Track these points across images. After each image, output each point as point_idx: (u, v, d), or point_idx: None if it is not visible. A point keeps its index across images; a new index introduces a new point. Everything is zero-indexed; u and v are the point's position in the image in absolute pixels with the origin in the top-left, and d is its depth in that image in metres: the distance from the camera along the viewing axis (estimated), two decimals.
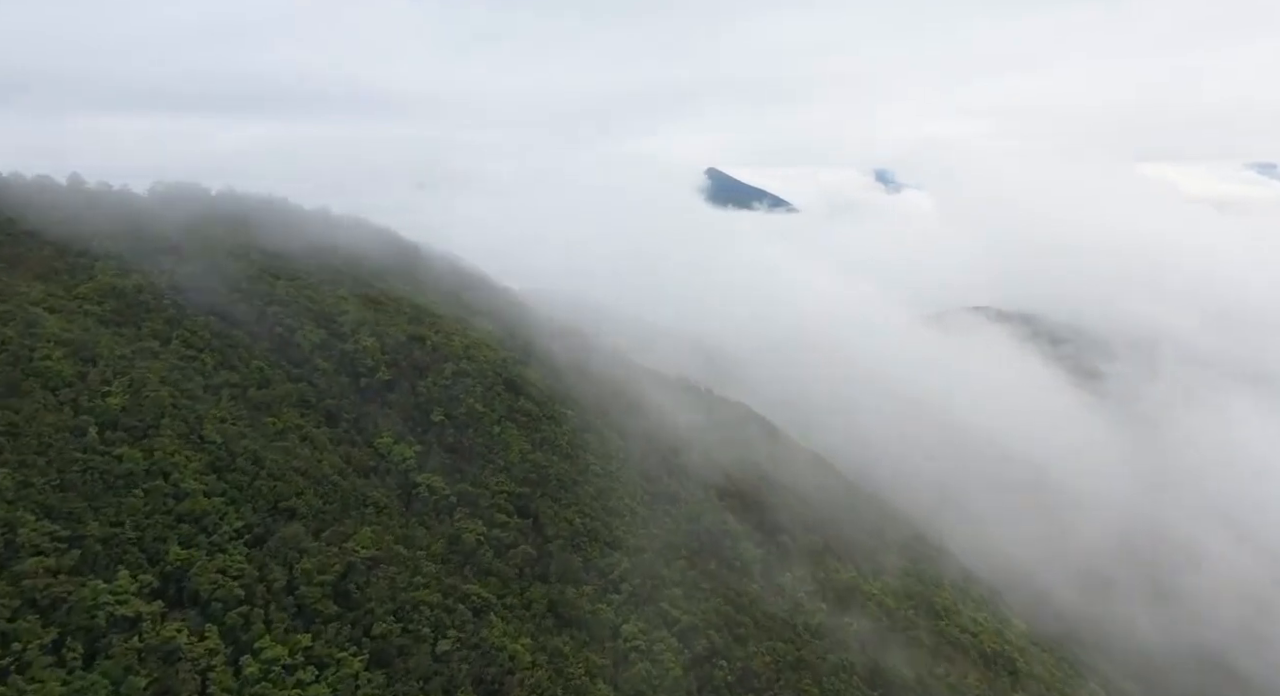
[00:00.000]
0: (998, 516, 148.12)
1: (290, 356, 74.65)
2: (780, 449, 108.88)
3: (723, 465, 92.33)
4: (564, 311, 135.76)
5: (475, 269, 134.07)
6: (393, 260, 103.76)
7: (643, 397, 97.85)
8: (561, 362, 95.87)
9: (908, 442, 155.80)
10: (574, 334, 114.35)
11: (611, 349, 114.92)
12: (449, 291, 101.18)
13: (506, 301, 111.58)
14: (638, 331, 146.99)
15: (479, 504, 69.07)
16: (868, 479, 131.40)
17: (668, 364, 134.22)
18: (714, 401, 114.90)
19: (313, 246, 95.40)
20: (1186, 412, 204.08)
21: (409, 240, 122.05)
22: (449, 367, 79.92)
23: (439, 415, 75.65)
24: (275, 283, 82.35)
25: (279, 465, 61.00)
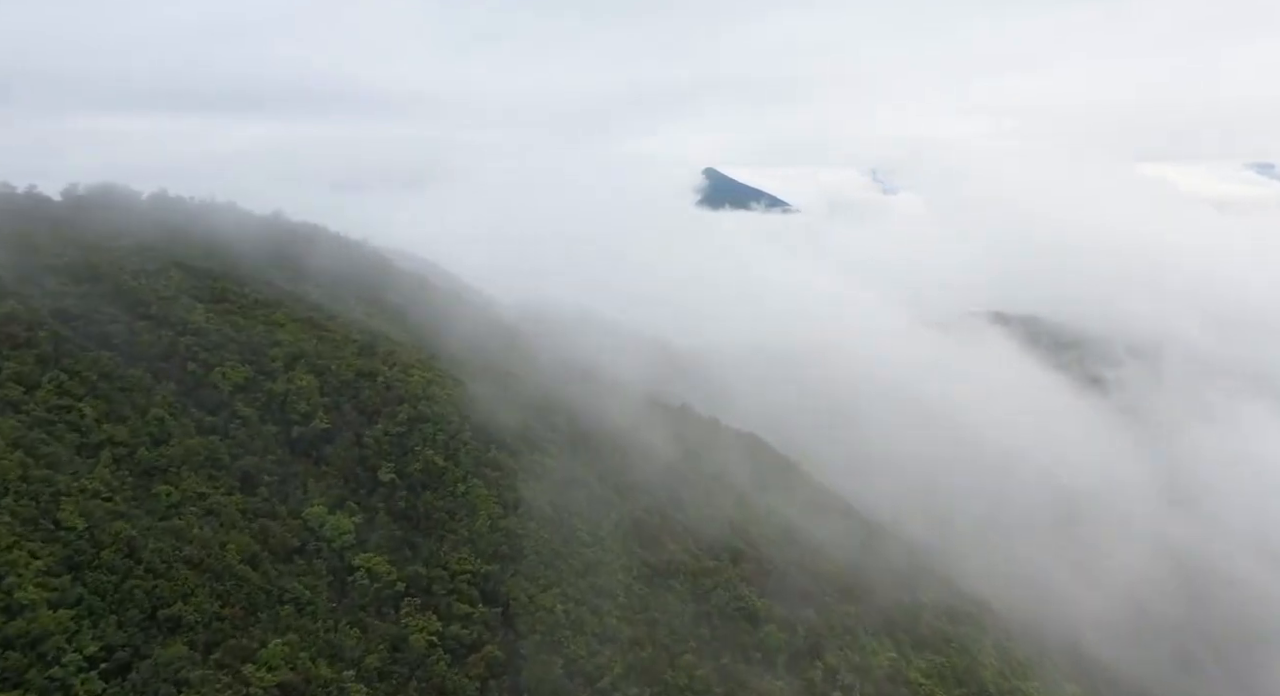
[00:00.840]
0: (1018, 540, 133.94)
1: (203, 401, 59.42)
2: (797, 490, 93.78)
3: (734, 518, 77.25)
4: (550, 323, 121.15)
5: (454, 281, 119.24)
6: (352, 276, 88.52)
7: (641, 436, 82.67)
8: (545, 394, 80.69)
9: (914, 457, 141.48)
10: (559, 355, 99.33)
11: (604, 373, 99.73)
12: (417, 311, 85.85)
13: (484, 320, 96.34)
14: (629, 344, 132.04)
15: (434, 591, 53.92)
16: (876, 495, 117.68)
17: (664, 382, 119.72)
18: (720, 434, 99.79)
19: (254, 261, 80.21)
20: (1197, 423, 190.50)
21: (378, 251, 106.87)
22: (404, 411, 64.66)
23: (388, 473, 60.41)
24: (195, 307, 67.05)
25: (164, 555, 45.90)
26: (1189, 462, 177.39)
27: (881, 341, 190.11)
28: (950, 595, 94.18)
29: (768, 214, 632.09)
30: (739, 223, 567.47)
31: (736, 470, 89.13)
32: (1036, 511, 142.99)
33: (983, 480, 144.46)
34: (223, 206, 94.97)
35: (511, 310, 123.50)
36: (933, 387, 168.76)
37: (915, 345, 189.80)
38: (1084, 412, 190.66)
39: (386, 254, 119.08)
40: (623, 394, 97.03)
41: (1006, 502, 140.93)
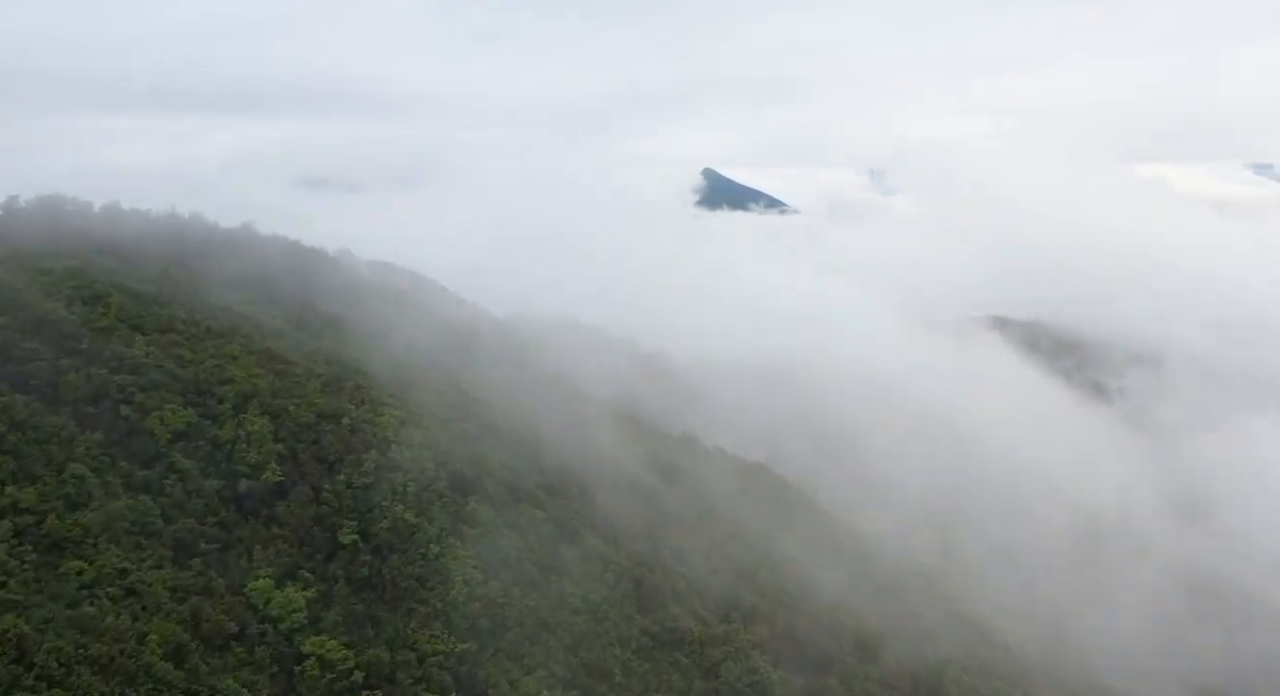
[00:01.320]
0: (1032, 567, 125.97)
1: (135, 452, 51.11)
2: (807, 527, 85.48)
3: (743, 565, 69.00)
4: (537, 337, 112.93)
5: (441, 294, 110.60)
6: (324, 295, 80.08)
7: (639, 472, 74.39)
8: (530, 426, 72.33)
9: (920, 476, 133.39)
10: (545, 374, 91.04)
11: (595, 395, 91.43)
12: (391, 337, 77.29)
13: (469, 341, 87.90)
14: (622, 359, 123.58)
15: (398, 680, 45.60)
16: (883, 519, 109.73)
17: (660, 400, 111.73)
18: (725, 465, 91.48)
19: (213, 283, 71.86)
20: (1206, 433, 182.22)
21: (353, 267, 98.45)
22: (371, 459, 56.29)
23: (350, 534, 52.07)
24: (134, 340, 58.63)
25: (64, 656, 37.57)
26: (1201, 476, 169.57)
27: (881, 351, 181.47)
28: (974, 640, 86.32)
29: (766, 215, 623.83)
30: (737, 225, 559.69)
31: (744, 508, 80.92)
32: (1049, 534, 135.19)
33: (991, 499, 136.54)
34: (185, 219, 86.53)
35: (498, 323, 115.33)
36: (936, 399, 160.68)
37: (916, 354, 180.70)
38: (1091, 424, 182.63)
39: (370, 267, 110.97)
40: (617, 421, 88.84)
41: (1017, 523, 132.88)
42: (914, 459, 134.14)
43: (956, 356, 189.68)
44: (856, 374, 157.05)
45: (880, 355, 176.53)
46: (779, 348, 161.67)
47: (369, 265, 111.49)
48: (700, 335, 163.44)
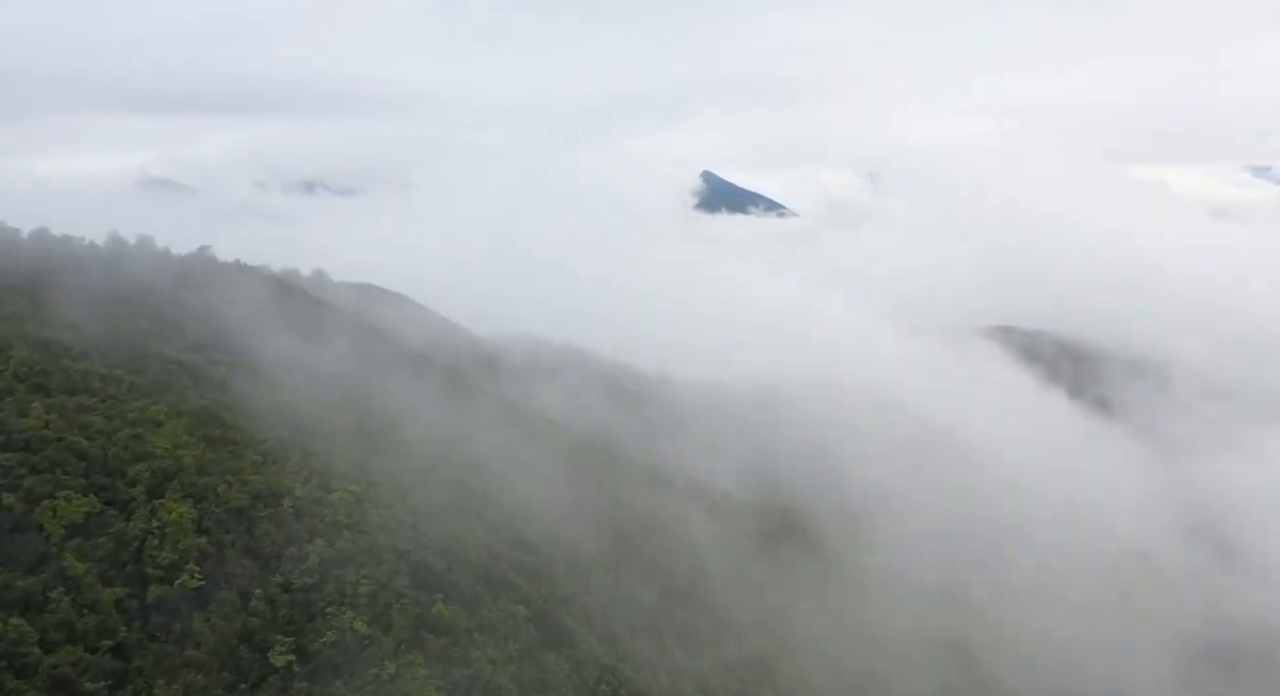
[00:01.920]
0: (1053, 613, 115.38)
1: (17, 555, 40.81)
2: (843, 593, 75.37)
3: (758, 658, 58.80)
4: (528, 364, 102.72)
5: (420, 321, 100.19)
6: (288, 333, 69.59)
7: (642, 542, 64.16)
8: (517, 489, 62.06)
9: (927, 510, 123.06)
10: (534, 416, 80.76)
11: (583, 434, 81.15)
12: (359, 384, 66.82)
13: (450, 380, 77.51)
14: (610, 377, 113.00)
15: None
16: (896, 561, 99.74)
17: (649, 427, 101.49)
18: (737, 514, 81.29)
19: (148, 325, 61.51)
20: (1219, 453, 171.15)
21: (328, 293, 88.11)
22: (316, 551, 46.05)
23: (285, 653, 41.74)
24: (31, 405, 48.30)
25: None
26: (1219, 500, 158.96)
27: (881, 366, 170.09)
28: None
29: (765, 218, 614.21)
30: (735, 228, 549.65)
31: (767, 574, 70.74)
32: (1064, 568, 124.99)
33: (1000, 526, 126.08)
34: (130, 246, 76.06)
35: (483, 349, 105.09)
36: (940, 418, 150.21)
37: (918, 369, 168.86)
38: (1100, 443, 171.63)
39: (349, 291, 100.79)
40: (612, 465, 78.68)
41: (1030, 555, 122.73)
42: (918, 483, 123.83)
43: (958, 370, 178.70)
44: (856, 391, 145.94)
45: (880, 370, 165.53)
46: (776, 364, 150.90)
47: (348, 288, 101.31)
48: (693, 352, 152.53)
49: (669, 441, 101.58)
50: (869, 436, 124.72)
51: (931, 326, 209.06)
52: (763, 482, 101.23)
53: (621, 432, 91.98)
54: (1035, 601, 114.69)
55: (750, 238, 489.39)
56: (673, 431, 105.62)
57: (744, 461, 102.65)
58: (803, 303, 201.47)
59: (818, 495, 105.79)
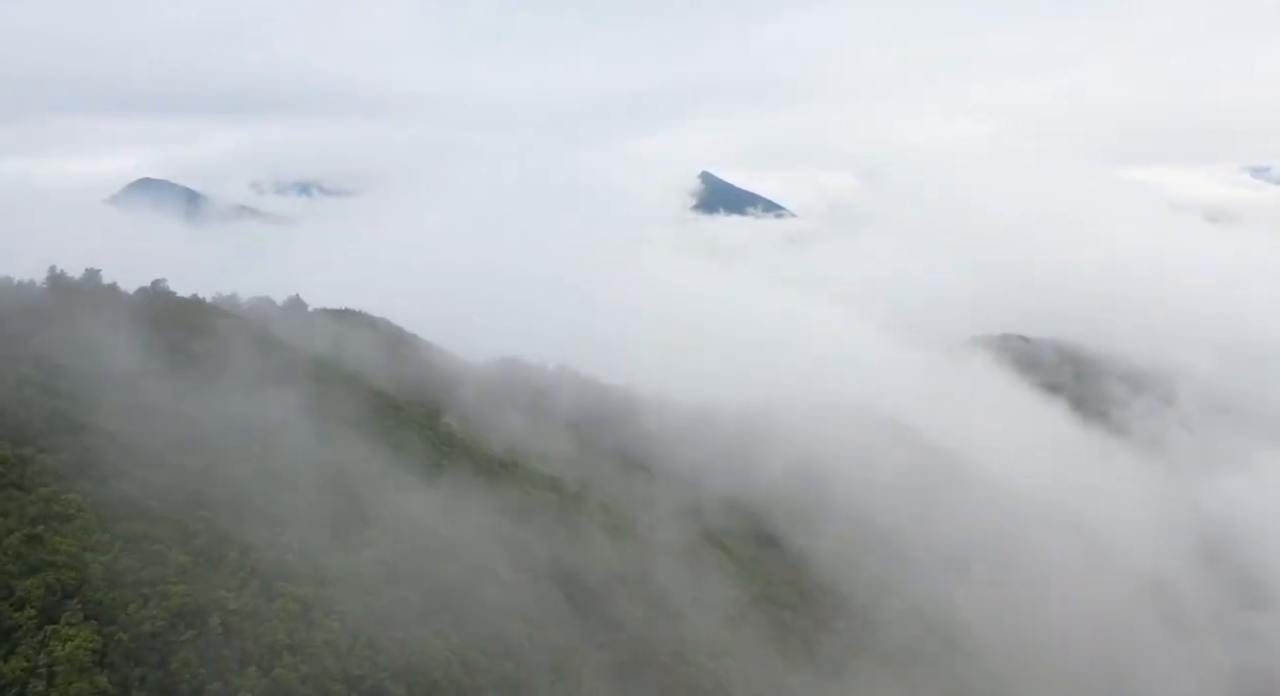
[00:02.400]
0: (1071, 648, 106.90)
1: None
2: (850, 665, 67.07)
3: None
4: (519, 391, 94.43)
5: (405, 351, 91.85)
6: (247, 383, 60.94)
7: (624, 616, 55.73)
8: (495, 584, 53.59)
9: (924, 525, 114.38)
10: (524, 470, 72.52)
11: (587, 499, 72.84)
12: (314, 450, 58.08)
13: (423, 443, 68.80)
14: (604, 405, 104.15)
15: None
16: (887, 574, 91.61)
17: (634, 447, 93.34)
18: (731, 577, 72.82)
19: (80, 387, 53.08)
20: (1230, 474, 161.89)
21: (302, 325, 79.80)
22: (247, 683, 37.55)
23: None
24: None
25: None
26: (1232, 523, 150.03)
27: (879, 381, 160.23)
28: None
29: (763, 219, 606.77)
30: (732, 230, 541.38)
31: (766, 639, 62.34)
32: (1080, 603, 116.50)
33: (1008, 556, 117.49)
34: (75, 281, 67.17)
35: (474, 375, 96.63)
36: (945, 441, 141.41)
37: (918, 384, 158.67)
38: (1106, 461, 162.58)
39: (327, 319, 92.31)
40: (592, 514, 70.33)
41: (1044, 588, 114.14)
42: (925, 515, 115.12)
43: (961, 386, 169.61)
44: (854, 413, 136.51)
45: (879, 385, 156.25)
46: (769, 382, 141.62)
47: (325, 317, 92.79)
48: (681, 372, 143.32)
49: (662, 469, 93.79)
50: (868, 464, 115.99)
51: (930, 336, 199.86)
52: (752, 518, 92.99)
53: (612, 476, 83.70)
54: (1054, 644, 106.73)
55: (746, 240, 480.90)
56: (665, 459, 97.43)
57: (732, 495, 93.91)
58: (797, 314, 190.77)
59: (812, 512, 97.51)
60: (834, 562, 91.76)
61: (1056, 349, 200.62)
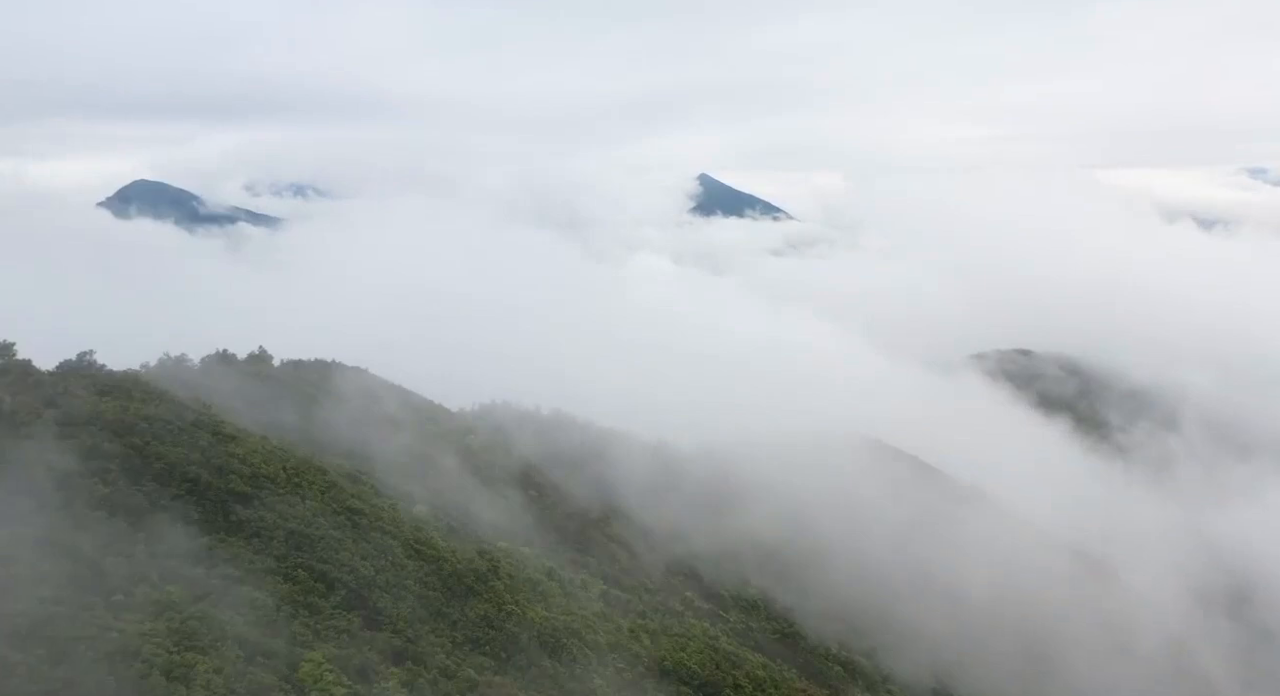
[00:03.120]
0: None
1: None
2: None
3: None
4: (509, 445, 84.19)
5: (397, 408, 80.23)
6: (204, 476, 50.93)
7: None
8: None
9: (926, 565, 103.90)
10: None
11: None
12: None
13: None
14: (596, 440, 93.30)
15: None
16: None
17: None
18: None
19: None
20: (1246, 505, 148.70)
21: (255, 382, 69.83)
22: None
23: None
24: None
25: None
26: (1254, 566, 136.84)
27: (874, 403, 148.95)
28: None
29: (760, 222, 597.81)
30: (729, 233, 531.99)
31: None
32: (1099, 658, 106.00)
33: (1016, 594, 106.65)
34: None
35: (459, 425, 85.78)
36: (947, 470, 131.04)
37: (915, 406, 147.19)
38: (1114, 492, 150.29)
39: (285, 376, 78.15)
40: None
41: (1060, 644, 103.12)
42: (923, 555, 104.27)
43: (957, 404, 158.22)
44: (844, 435, 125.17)
45: (870, 405, 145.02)
46: (759, 410, 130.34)
47: (292, 371, 79.46)
48: (666, 400, 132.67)
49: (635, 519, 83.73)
50: (864, 503, 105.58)
51: (927, 351, 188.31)
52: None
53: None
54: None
55: (742, 245, 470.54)
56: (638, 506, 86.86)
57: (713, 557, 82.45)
58: (788, 331, 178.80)
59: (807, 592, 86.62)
60: (830, 627, 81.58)
61: (1059, 364, 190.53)
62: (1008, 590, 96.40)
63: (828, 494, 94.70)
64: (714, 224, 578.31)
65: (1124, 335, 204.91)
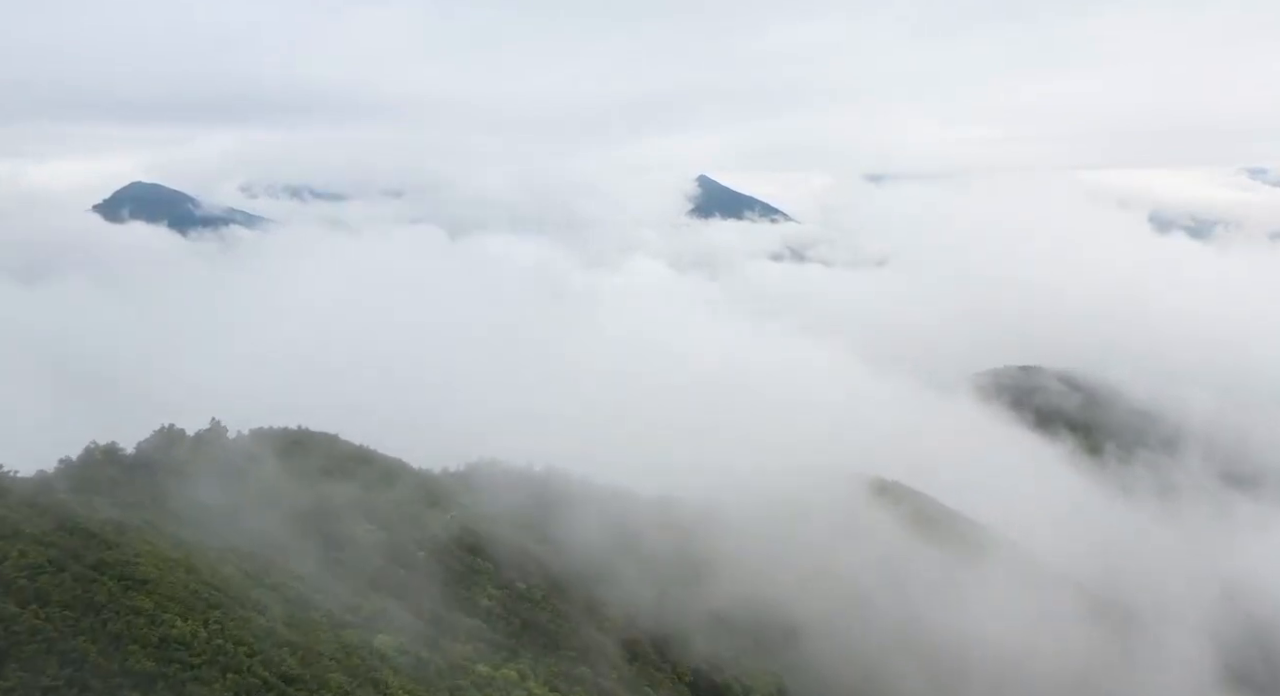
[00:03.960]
0: None
1: None
2: None
3: None
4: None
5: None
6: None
7: None
8: None
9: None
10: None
11: None
12: None
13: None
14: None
15: None
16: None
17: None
18: None
19: None
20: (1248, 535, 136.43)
21: (204, 456, 60.15)
22: None
23: None
24: None
25: None
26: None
27: (869, 430, 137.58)
28: None
29: (758, 224, 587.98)
30: (727, 236, 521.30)
31: None
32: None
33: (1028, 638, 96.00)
34: None
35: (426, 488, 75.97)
36: (953, 505, 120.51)
37: (915, 434, 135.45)
38: (1125, 524, 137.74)
39: (241, 450, 67.57)
40: None
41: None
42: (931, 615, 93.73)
43: (955, 430, 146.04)
44: (834, 470, 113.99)
45: (865, 432, 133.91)
46: (742, 441, 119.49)
47: (249, 443, 69.20)
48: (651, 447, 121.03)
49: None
50: (861, 550, 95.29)
51: (922, 366, 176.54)
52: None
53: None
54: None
55: (737, 250, 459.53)
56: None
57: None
58: (776, 350, 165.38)
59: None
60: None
61: (1061, 380, 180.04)
62: (1024, 658, 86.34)
63: (817, 547, 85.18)
64: (712, 226, 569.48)
65: (1128, 349, 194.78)
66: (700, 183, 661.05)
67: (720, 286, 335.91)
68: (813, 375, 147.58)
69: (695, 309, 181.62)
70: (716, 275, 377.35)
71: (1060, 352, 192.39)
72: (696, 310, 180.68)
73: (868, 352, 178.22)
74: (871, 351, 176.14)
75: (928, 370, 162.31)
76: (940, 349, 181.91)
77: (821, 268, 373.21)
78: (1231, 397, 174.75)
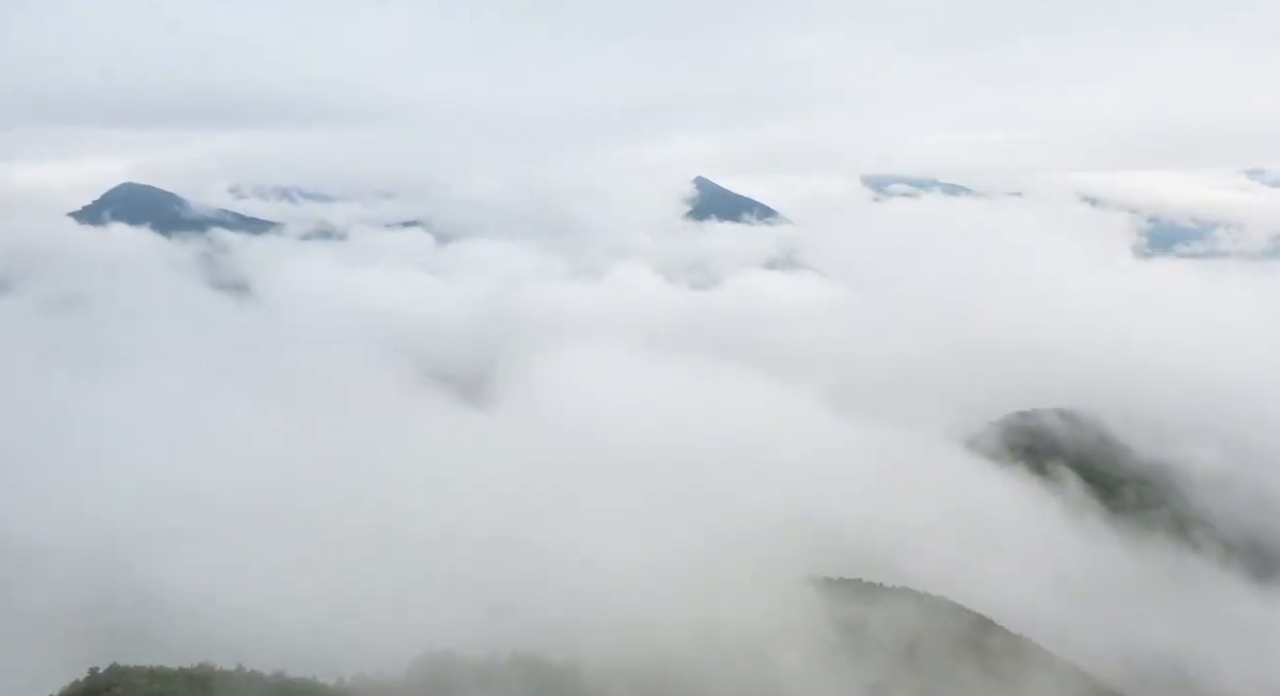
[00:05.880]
0: None
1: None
2: None
3: None
4: None
5: None
6: None
7: None
8: None
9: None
10: None
11: None
12: None
13: None
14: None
15: None
16: None
17: None
18: None
19: None
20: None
21: None
22: None
23: None
24: None
25: None
26: None
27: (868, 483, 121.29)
28: None
29: (756, 227, 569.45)
30: (724, 239, 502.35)
31: None
32: None
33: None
34: None
35: None
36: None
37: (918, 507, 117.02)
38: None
39: None
40: None
41: None
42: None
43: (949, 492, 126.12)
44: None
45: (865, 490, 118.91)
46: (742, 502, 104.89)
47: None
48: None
49: None
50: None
51: (909, 409, 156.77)
52: None
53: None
54: None
55: (733, 253, 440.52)
56: None
57: None
58: (747, 402, 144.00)
59: None
60: None
61: (1061, 424, 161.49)
62: None
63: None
64: (707, 230, 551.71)
65: (1137, 387, 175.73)
66: (698, 184, 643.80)
67: (713, 295, 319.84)
68: (784, 428, 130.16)
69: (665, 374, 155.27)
70: (708, 285, 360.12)
71: (1059, 389, 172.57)
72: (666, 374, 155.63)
73: (856, 391, 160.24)
74: (859, 391, 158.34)
75: (911, 416, 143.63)
76: (925, 388, 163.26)
77: (813, 275, 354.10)
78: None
